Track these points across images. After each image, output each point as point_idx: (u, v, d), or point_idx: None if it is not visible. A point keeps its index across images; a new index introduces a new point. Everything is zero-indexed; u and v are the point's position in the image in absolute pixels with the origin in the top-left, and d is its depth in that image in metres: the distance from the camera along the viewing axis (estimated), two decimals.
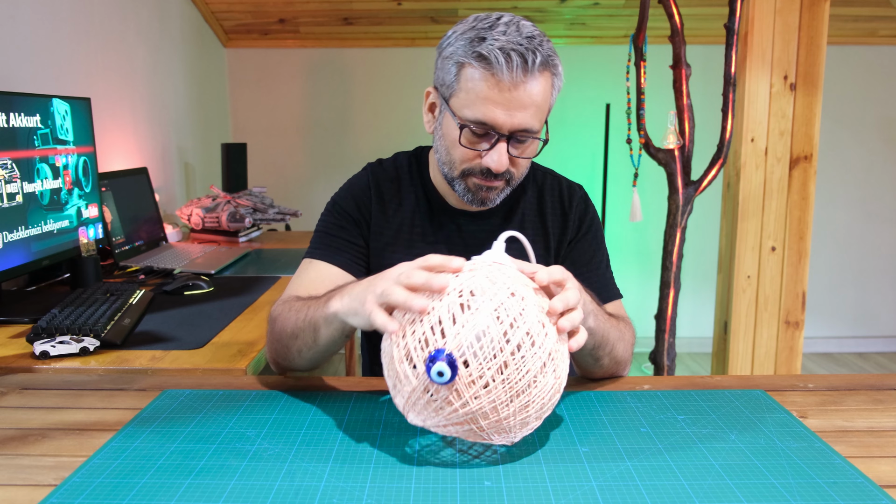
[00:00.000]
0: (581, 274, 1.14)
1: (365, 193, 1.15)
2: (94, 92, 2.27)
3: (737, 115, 2.39)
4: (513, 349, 0.73)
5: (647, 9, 2.35)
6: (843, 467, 0.76)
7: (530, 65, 0.95)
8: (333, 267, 1.10)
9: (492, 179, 1.03)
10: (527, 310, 0.75)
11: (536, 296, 0.78)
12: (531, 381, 0.73)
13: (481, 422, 0.74)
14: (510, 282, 0.76)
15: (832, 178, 3.85)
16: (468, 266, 0.79)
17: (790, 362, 2.47)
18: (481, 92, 0.96)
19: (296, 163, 3.85)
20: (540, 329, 0.75)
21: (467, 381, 0.72)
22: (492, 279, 0.76)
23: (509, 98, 0.96)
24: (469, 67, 0.97)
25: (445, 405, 0.74)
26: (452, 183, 1.07)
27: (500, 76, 0.95)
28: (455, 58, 0.99)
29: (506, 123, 0.98)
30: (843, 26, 3.57)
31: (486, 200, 1.07)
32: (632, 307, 1.22)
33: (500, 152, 1.00)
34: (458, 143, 1.01)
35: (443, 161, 1.07)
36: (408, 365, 0.75)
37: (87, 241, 1.73)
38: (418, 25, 3.59)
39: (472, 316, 0.73)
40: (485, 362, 0.72)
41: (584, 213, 1.17)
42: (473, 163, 1.03)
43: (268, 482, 0.73)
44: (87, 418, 0.90)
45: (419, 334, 0.74)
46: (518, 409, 0.74)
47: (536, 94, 0.97)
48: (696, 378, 1.05)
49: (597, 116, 3.72)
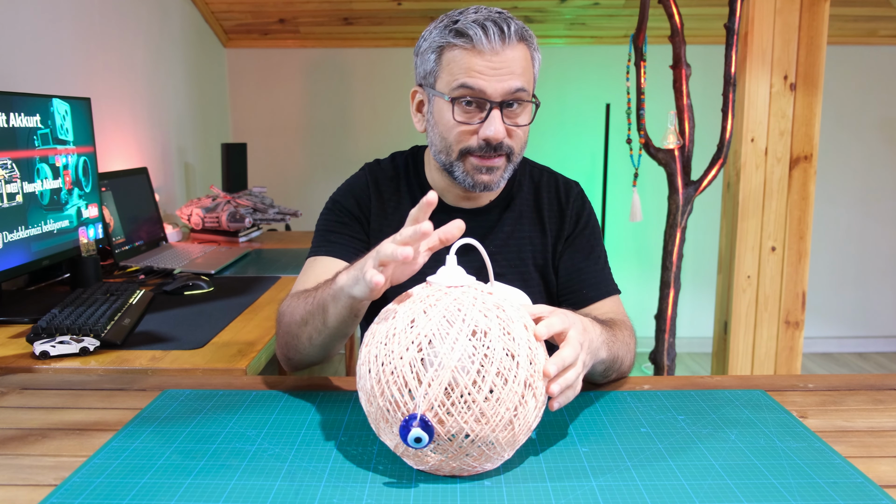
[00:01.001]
0: (579, 269, 1.14)
1: (364, 192, 1.15)
2: (94, 92, 2.27)
3: (737, 115, 2.39)
4: (486, 395, 0.69)
5: (647, 9, 2.35)
6: (843, 467, 0.76)
7: (507, 32, 0.99)
8: (338, 260, 1.09)
9: (491, 156, 1.03)
10: (492, 347, 0.70)
11: (500, 319, 0.72)
12: (512, 416, 0.71)
13: (469, 461, 0.72)
14: (468, 316, 0.71)
15: (832, 178, 3.85)
16: (423, 294, 0.75)
17: (790, 362, 2.47)
18: (465, 64, 0.99)
19: (296, 163, 3.85)
20: (510, 363, 0.70)
21: (447, 438, 0.70)
22: (450, 319, 0.71)
23: (493, 64, 0.99)
24: (448, 48, 1.01)
25: (431, 458, 0.72)
26: (452, 168, 1.07)
27: (481, 46, 0.98)
28: (433, 46, 1.02)
29: (496, 90, 1.00)
30: (843, 26, 3.57)
31: (487, 183, 1.06)
32: (632, 307, 1.23)
33: (496, 119, 1.01)
34: (452, 122, 1.02)
35: (439, 150, 1.07)
36: (384, 424, 0.72)
37: (87, 241, 1.73)
38: (418, 25, 3.59)
39: (437, 373, 0.69)
40: (460, 416, 0.69)
41: (581, 209, 1.17)
42: (471, 140, 1.03)
43: (268, 482, 0.73)
44: (87, 418, 0.90)
45: (388, 396, 0.70)
46: (504, 440, 0.72)
47: (519, 58, 1.01)
48: (696, 378, 1.05)
49: (597, 116, 3.72)
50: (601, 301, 1.13)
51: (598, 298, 1.13)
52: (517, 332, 0.72)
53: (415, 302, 0.74)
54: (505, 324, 0.72)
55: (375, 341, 0.74)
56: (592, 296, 1.13)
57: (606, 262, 1.18)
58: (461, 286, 0.75)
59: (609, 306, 1.13)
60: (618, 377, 1.03)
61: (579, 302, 1.13)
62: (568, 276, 1.15)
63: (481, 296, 0.74)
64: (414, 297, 0.75)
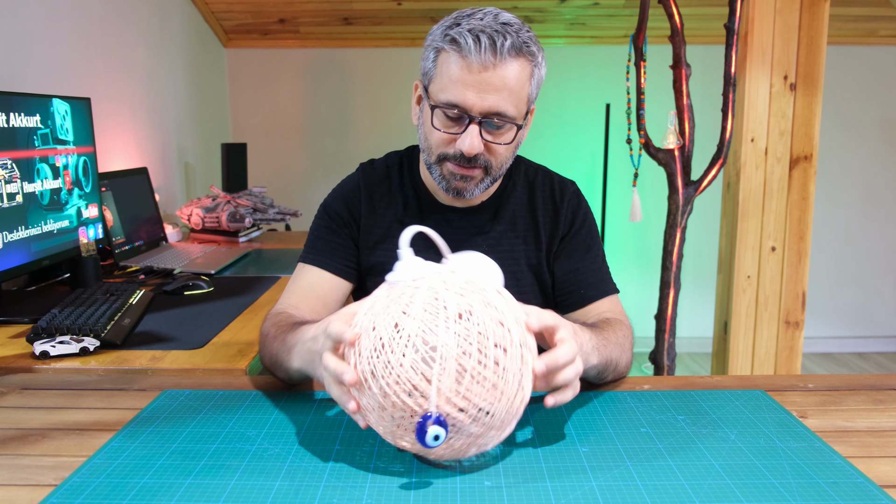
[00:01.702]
0: (576, 269, 1.14)
1: (354, 194, 1.16)
2: (94, 92, 2.27)
3: (737, 115, 2.39)
4: (493, 369, 0.70)
5: (647, 9, 2.35)
6: (843, 467, 0.76)
7: (499, 47, 0.95)
8: (325, 273, 1.12)
9: (467, 166, 1.03)
10: (481, 322, 0.71)
11: (476, 294, 0.74)
12: (520, 378, 0.73)
13: (494, 433, 0.73)
14: (448, 301, 0.72)
15: (832, 178, 3.85)
16: (395, 296, 0.74)
17: (790, 362, 2.47)
18: (454, 75, 0.98)
19: (296, 163, 3.85)
20: (503, 331, 0.72)
21: (470, 421, 0.71)
22: (431, 311, 0.71)
23: (479, 80, 0.97)
24: (443, 52, 0.99)
25: (458, 443, 0.72)
26: (431, 169, 1.07)
27: (470, 58, 0.96)
28: (433, 45, 1.01)
29: (475, 105, 0.98)
30: (843, 26, 3.57)
31: (461, 190, 1.06)
32: (632, 307, 1.23)
33: (472, 135, 1.00)
34: (432, 127, 1.02)
35: (423, 148, 1.08)
36: (401, 432, 0.72)
37: (87, 241, 1.73)
38: (418, 25, 3.59)
39: (443, 366, 0.69)
40: (476, 398, 0.70)
41: (576, 209, 1.17)
42: (448, 147, 1.03)
43: (268, 482, 0.73)
44: (87, 418, 0.90)
45: (400, 406, 0.70)
46: (519, 401, 0.73)
47: (509, 78, 0.97)
48: (696, 378, 1.05)
49: (597, 116, 3.72)
50: (599, 301, 1.13)
51: (595, 298, 1.13)
52: (496, 300, 0.74)
53: (389, 306, 0.74)
54: (482, 296, 0.74)
55: (363, 359, 0.72)
56: (590, 295, 1.13)
57: (604, 261, 1.18)
58: (424, 276, 0.76)
59: (607, 306, 1.12)
60: (615, 378, 1.02)
61: (577, 302, 1.13)
62: (565, 277, 1.14)
63: (449, 277, 0.75)
64: (386, 302, 0.74)
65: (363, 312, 0.76)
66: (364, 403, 0.73)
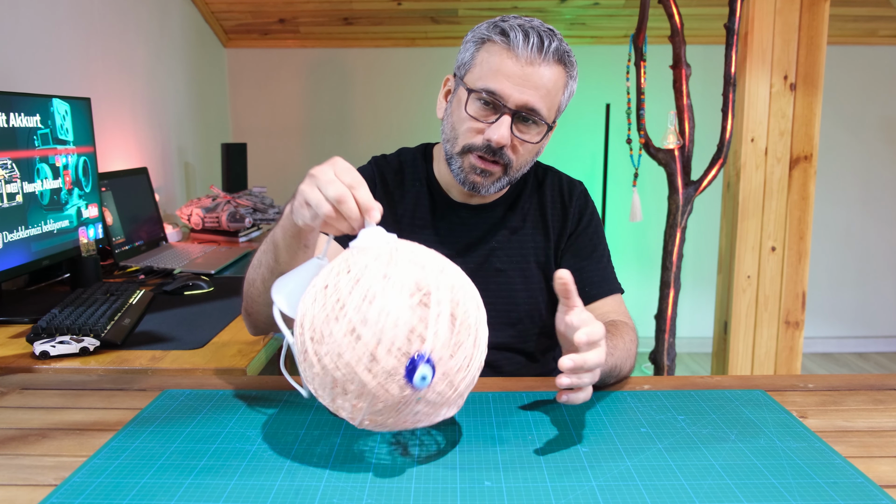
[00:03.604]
0: (581, 268, 1.15)
1: (370, 183, 1.16)
2: (94, 92, 2.27)
3: (737, 115, 2.39)
4: (465, 307, 0.74)
5: (647, 9, 2.35)
6: (843, 467, 0.76)
7: (546, 47, 0.99)
8: (333, 241, 1.09)
9: (490, 159, 1.04)
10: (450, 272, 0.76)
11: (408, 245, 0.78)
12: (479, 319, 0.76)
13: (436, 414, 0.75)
14: (429, 253, 0.77)
15: (832, 178, 3.85)
16: (371, 259, 0.73)
17: (790, 362, 2.47)
18: (496, 64, 1.00)
19: (296, 163, 3.85)
20: (462, 278, 0.77)
21: (456, 370, 0.73)
22: (419, 263, 0.74)
23: (521, 74, 0.99)
24: (488, 43, 1.01)
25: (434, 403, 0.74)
26: (451, 161, 1.08)
27: (517, 51, 0.99)
28: (476, 37, 1.04)
29: (513, 96, 1.00)
30: (843, 26, 3.57)
31: (477, 185, 1.07)
32: (632, 307, 1.23)
33: (504, 125, 1.01)
34: (464, 114, 1.03)
35: (447, 138, 1.09)
36: (384, 382, 0.70)
37: (87, 241, 1.73)
38: (418, 25, 3.59)
39: (438, 308, 0.71)
40: (462, 354, 0.73)
41: (583, 207, 1.19)
42: (476, 138, 1.04)
43: (268, 482, 0.73)
44: (87, 418, 0.90)
45: (388, 344, 0.69)
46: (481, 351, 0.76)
47: (548, 78, 1.01)
48: (696, 378, 1.05)
49: (597, 116, 3.72)
50: (603, 299, 1.14)
51: (600, 296, 1.14)
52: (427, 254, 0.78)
53: (372, 268, 0.72)
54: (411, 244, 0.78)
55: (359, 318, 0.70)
56: (594, 294, 1.14)
57: (609, 260, 1.19)
58: (393, 236, 0.79)
59: (611, 305, 1.13)
60: (616, 381, 1.03)
61: (582, 300, 1.13)
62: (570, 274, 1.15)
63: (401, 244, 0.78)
64: (368, 267, 0.73)
65: (337, 286, 0.73)
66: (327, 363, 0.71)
